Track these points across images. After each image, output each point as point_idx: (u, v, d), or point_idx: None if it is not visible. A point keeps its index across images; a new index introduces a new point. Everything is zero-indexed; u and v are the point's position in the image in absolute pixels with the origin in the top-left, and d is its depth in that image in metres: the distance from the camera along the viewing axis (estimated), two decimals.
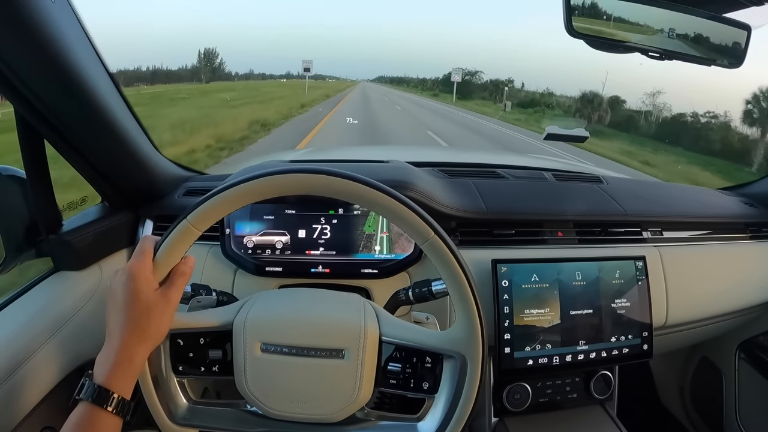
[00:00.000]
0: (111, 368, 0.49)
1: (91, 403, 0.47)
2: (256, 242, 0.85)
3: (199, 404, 0.60)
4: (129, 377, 0.51)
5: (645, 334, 0.88)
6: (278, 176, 0.53)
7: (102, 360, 0.50)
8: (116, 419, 0.49)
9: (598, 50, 0.83)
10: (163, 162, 0.95)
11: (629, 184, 1.06)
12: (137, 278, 0.51)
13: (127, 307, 0.51)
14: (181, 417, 0.59)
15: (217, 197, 0.53)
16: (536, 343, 0.81)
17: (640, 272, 0.88)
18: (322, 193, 0.53)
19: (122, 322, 0.51)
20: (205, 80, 39.12)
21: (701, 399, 1.23)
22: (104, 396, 0.48)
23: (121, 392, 0.49)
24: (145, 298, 0.51)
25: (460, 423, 0.56)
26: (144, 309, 0.51)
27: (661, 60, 0.81)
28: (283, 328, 0.57)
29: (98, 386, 0.48)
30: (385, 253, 0.84)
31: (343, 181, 0.52)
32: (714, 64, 0.85)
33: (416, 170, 0.91)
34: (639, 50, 0.81)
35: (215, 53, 44.08)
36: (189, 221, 0.53)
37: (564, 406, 0.90)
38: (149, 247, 0.54)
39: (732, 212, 1.06)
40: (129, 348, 0.50)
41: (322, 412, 0.57)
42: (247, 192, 0.53)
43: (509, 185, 0.98)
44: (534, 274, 0.82)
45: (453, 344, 0.56)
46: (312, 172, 0.53)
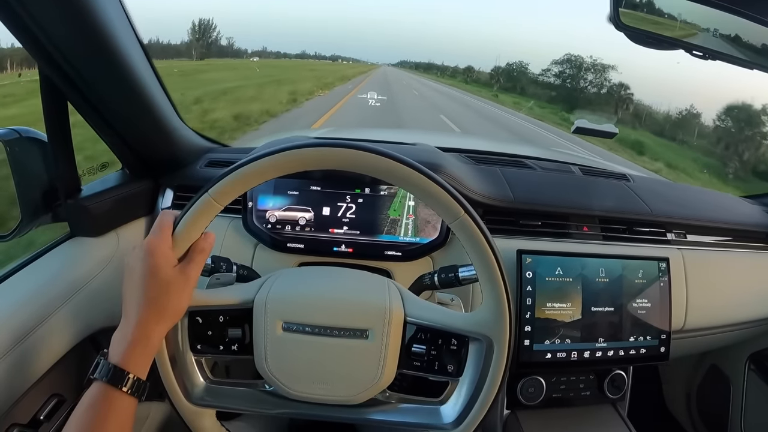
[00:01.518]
0: (127, 347, 0.48)
1: (105, 383, 0.46)
2: (278, 217, 0.84)
3: (216, 384, 0.59)
4: (145, 357, 0.49)
5: (663, 337, 0.87)
6: (307, 149, 0.51)
7: (118, 338, 0.49)
8: (131, 400, 0.47)
9: (639, 45, 0.81)
10: (187, 132, 0.94)
11: (655, 185, 1.05)
12: (155, 254, 0.50)
13: (144, 284, 0.49)
14: (198, 397, 0.58)
15: (241, 170, 0.51)
16: (556, 338, 0.81)
17: (663, 273, 0.87)
18: (351, 168, 0.52)
19: (139, 299, 0.49)
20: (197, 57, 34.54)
21: (707, 406, 1.23)
22: (119, 376, 0.46)
23: (137, 372, 0.48)
24: (163, 275, 0.50)
25: (484, 407, 0.56)
26: (162, 286, 0.50)
27: (704, 59, 0.79)
28: (305, 306, 0.56)
29: (113, 366, 0.47)
30: (410, 236, 0.83)
31: (374, 157, 0.51)
32: (756, 68, 0.83)
33: (444, 154, 0.90)
34: (683, 47, 0.79)
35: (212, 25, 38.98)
36: (211, 195, 0.51)
37: (576, 403, 0.90)
38: (168, 222, 0.52)
39: (755, 221, 1.05)
40: (146, 326, 0.49)
41: (343, 393, 0.56)
42: (271, 166, 0.51)
43: (537, 176, 0.97)
44: (558, 267, 0.81)
45: (480, 326, 0.55)
46: (341, 146, 0.51)
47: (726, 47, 0.80)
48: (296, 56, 63.84)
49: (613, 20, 0.74)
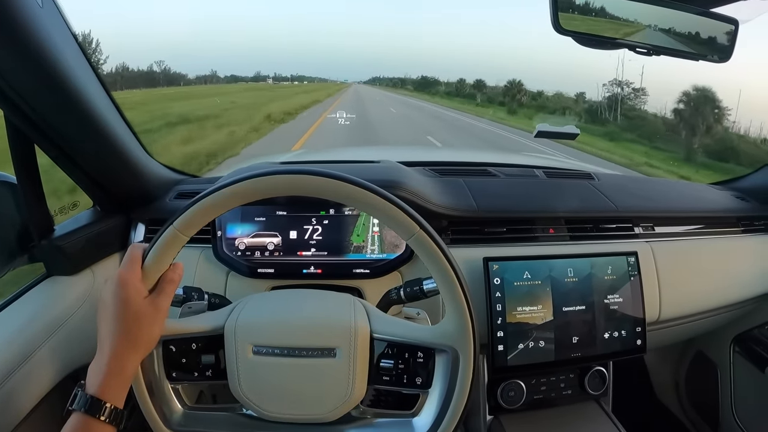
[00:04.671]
0: (103, 378, 0.49)
1: (84, 414, 0.48)
2: (247, 244, 0.85)
3: (194, 409, 0.60)
4: (121, 386, 0.51)
5: (638, 330, 0.88)
6: (263, 178, 0.53)
7: (94, 370, 0.50)
8: (110, 429, 0.49)
9: (586, 47, 0.83)
10: (154, 165, 0.95)
11: (620, 180, 1.06)
12: (126, 286, 0.51)
13: (117, 316, 0.51)
14: (177, 423, 0.59)
15: (203, 202, 0.53)
16: (529, 341, 0.81)
17: (632, 268, 0.88)
18: (307, 193, 0.53)
19: (113, 331, 0.51)
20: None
21: (696, 393, 1.23)
22: (97, 406, 0.48)
23: (113, 401, 0.49)
24: (134, 306, 0.51)
25: (455, 417, 0.56)
26: (134, 317, 0.51)
27: (648, 55, 0.81)
28: (273, 329, 0.57)
29: (90, 396, 0.48)
30: (377, 253, 0.84)
31: (328, 181, 0.52)
32: (702, 58, 0.85)
33: (407, 170, 0.91)
34: (627, 46, 0.81)
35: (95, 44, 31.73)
36: (176, 227, 0.53)
37: (559, 402, 0.91)
38: (137, 255, 0.54)
39: (724, 206, 1.06)
40: (120, 357, 0.50)
41: (317, 411, 0.57)
42: (232, 195, 0.53)
43: (500, 183, 0.98)
44: (526, 271, 0.82)
45: (444, 338, 0.56)
46: (296, 173, 0.53)
47: (668, 41, 0.82)
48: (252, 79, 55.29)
49: (554, 25, 0.76)
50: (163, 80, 36.81)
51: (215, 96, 21.52)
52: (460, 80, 51.29)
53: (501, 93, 36.46)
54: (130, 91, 24.29)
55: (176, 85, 36.69)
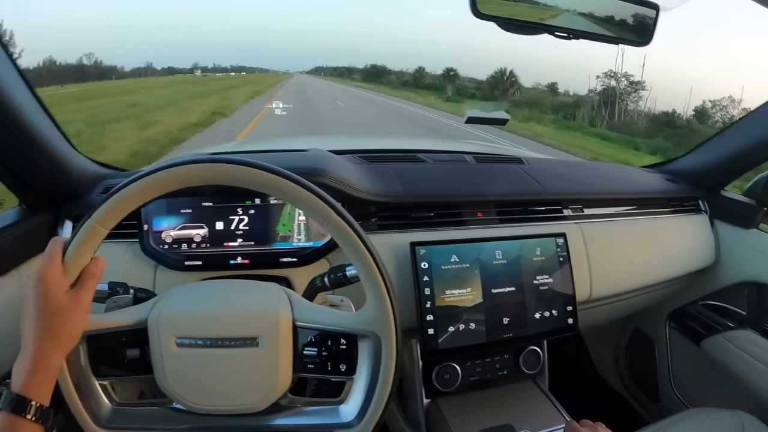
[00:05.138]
0: (27, 376, 0.48)
1: (9, 413, 0.47)
2: (174, 237, 0.83)
3: (123, 405, 0.59)
4: (46, 383, 0.50)
5: (569, 309, 0.90)
6: (178, 168, 0.52)
7: (18, 368, 0.49)
8: (36, 427, 0.48)
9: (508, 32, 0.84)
10: (80, 160, 0.92)
11: (550, 164, 1.08)
12: (47, 281, 0.50)
13: (38, 312, 0.50)
14: (106, 419, 0.58)
15: (120, 193, 0.52)
16: (460, 323, 0.82)
17: (561, 249, 0.90)
18: (224, 182, 0.53)
19: (35, 327, 0.50)
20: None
21: (636, 368, 1.28)
22: (22, 404, 0.47)
23: (39, 399, 0.48)
24: (55, 302, 0.50)
25: (381, 402, 0.57)
26: (55, 312, 0.50)
27: (568, 39, 0.82)
28: (196, 320, 0.56)
29: (15, 395, 0.47)
30: (304, 241, 0.83)
31: (244, 169, 0.52)
32: (622, 42, 0.87)
33: (333, 157, 0.91)
34: (547, 31, 0.82)
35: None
36: (95, 220, 0.52)
37: (495, 383, 0.92)
38: (58, 249, 0.53)
39: (654, 188, 1.10)
40: (43, 354, 0.50)
41: (243, 402, 0.57)
42: (148, 186, 0.52)
43: (429, 169, 0.98)
44: (453, 255, 0.82)
45: (365, 324, 0.57)
46: (211, 162, 0.52)
47: (588, 25, 0.83)
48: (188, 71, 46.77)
49: (473, 11, 0.76)
50: (94, 74, 32.41)
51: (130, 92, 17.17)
52: (419, 69, 43.83)
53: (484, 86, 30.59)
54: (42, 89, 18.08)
55: (108, 78, 32.22)
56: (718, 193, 1.16)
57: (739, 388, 1.08)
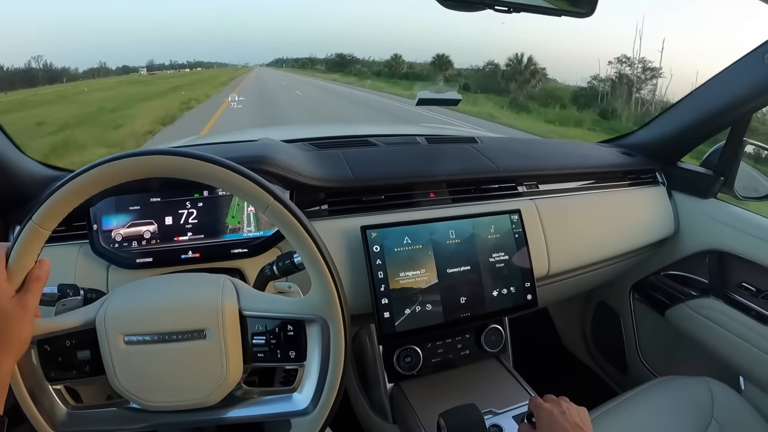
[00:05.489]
0: None
1: None
2: (124, 235, 0.81)
3: (79, 409, 0.58)
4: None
5: (527, 285, 0.90)
6: (111, 164, 0.51)
7: None
8: None
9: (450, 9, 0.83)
10: (28, 163, 0.90)
11: (504, 142, 1.08)
12: None
13: None
14: (62, 423, 0.57)
15: (58, 192, 0.51)
16: (416, 305, 0.82)
17: (516, 225, 0.90)
18: (160, 174, 0.52)
19: None
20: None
21: (603, 340, 1.30)
22: None
23: None
24: (1, 308, 0.49)
25: (334, 387, 0.56)
26: (1, 319, 0.49)
27: (509, 13, 0.82)
28: (142, 316, 0.55)
29: None
30: (254, 231, 0.82)
31: (176, 159, 0.51)
32: (564, 14, 0.86)
33: (281, 145, 0.89)
34: (487, 6, 0.81)
35: None
36: (35, 222, 0.51)
37: (458, 363, 0.93)
38: (0, 255, 0.51)
39: (610, 162, 1.11)
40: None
41: (196, 396, 0.56)
42: (83, 184, 0.51)
43: (379, 152, 0.98)
44: (405, 236, 0.82)
45: (311, 308, 0.56)
46: (145, 154, 0.51)
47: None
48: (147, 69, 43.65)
49: None
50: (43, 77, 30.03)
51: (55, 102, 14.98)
52: (395, 56, 38.44)
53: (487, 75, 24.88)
54: None
55: (59, 81, 29.45)
56: (675, 165, 1.18)
57: (705, 356, 1.10)
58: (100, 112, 12.35)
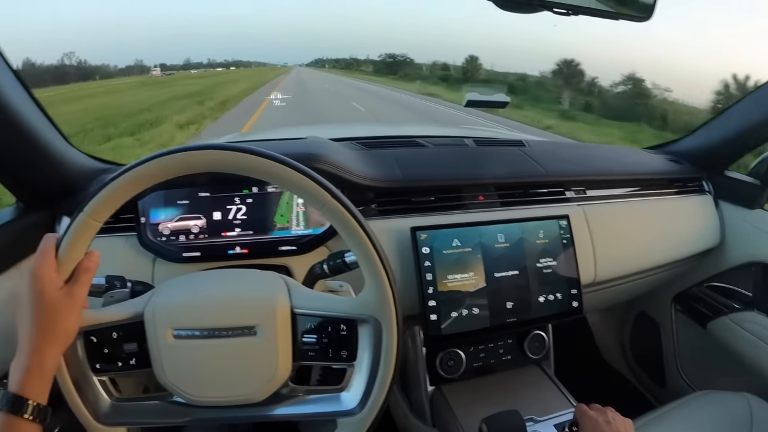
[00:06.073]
0: (23, 375, 0.48)
1: (6, 413, 0.46)
2: (171, 228, 0.82)
3: (123, 401, 0.58)
4: (43, 382, 0.49)
5: (574, 292, 0.89)
6: (166, 157, 0.51)
7: (14, 367, 0.49)
8: (34, 426, 0.48)
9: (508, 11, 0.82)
10: (77, 156, 0.91)
11: (551, 146, 1.07)
12: (40, 279, 0.50)
13: (32, 310, 0.49)
14: (106, 415, 0.57)
15: (111, 185, 0.51)
16: (463, 308, 0.81)
17: (564, 231, 0.88)
18: (218, 169, 0.52)
19: (30, 325, 0.49)
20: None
21: (642, 351, 1.27)
22: (19, 404, 0.47)
23: (36, 398, 0.48)
24: (49, 299, 0.50)
25: (383, 388, 0.56)
26: (50, 310, 0.50)
27: (567, 16, 0.80)
28: (191, 311, 0.55)
29: (12, 394, 0.47)
30: (302, 229, 0.82)
31: (234, 154, 0.51)
32: (622, 17, 0.85)
33: (331, 144, 0.89)
34: (546, 8, 0.80)
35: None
36: (87, 214, 0.51)
37: (499, 368, 0.91)
38: (50, 246, 0.52)
39: (657, 169, 1.08)
40: (39, 352, 0.49)
41: (243, 392, 0.56)
42: (139, 176, 0.51)
43: (428, 153, 0.97)
44: (455, 239, 0.81)
45: (364, 308, 0.55)
46: (202, 149, 0.51)
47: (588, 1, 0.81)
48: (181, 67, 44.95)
49: None
50: (75, 74, 30.16)
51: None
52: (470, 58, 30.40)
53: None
54: None
55: (92, 79, 29.68)
56: (722, 174, 1.15)
57: (746, 370, 1.07)
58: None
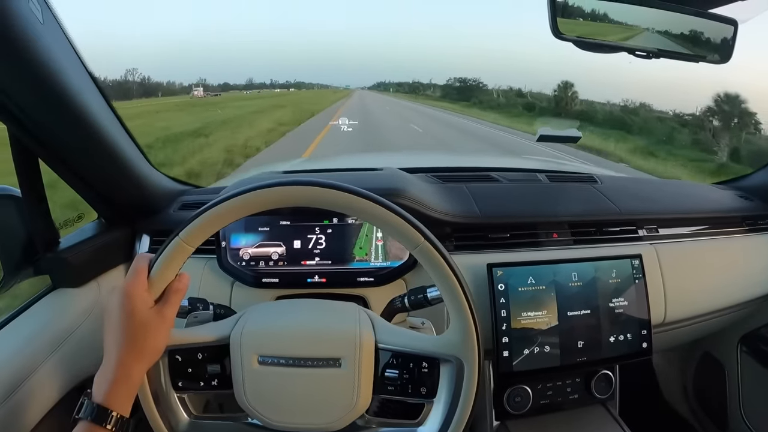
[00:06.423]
0: (109, 387, 0.50)
1: (90, 422, 0.48)
2: (252, 254, 0.86)
3: (200, 419, 0.61)
4: (127, 395, 0.51)
5: (644, 333, 0.87)
6: (268, 189, 0.53)
7: (100, 379, 0.51)
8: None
9: (586, 51, 0.83)
10: (158, 176, 0.96)
11: (623, 182, 1.06)
12: (132, 297, 0.52)
13: (123, 326, 0.51)
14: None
15: (208, 213, 0.53)
16: (535, 346, 0.81)
17: (636, 271, 0.88)
18: (312, 204, 0.54)
19: (119, 340, 0.51)
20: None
21: (704, 394, 1.23)
22: (103, 415, 0.48)
23: (119, 410, 0.49)
24: (140, 317, 0.52)
25: (459, 426, 0.56)
26: (140, 327, 0.52)
27: (648, 59, 0.81)
28: (279, 339, 0.57)
29: (97, 405, 0.49)
30: (381, 261, 0.84)
31: (332, 192, 0.53)
32: (702, 60, 0.85)
33: (409, 177, 0.91)
34: (626, 50, 0.81)
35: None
36: (181, 238, 0.53)
37: (565, 407, 0.90)
38: (143, 266, 0.54)
39: (728, 206, 1.06)
40: (126, 366, 0.51)
41: (321, 421, 0.57)
42: (237, 206, 0.54)
43: (503, 188, 0.98)
44: (530, 276, 0.82)
45: (448, 348, 0.57)
46: (302, 184, 0.53)
47: (668, 44, 0.82)
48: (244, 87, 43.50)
49: (553, 31, 0.76)
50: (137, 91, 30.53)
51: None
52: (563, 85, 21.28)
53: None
54: None
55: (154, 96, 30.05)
56: None
57: None
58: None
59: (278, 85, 53.06)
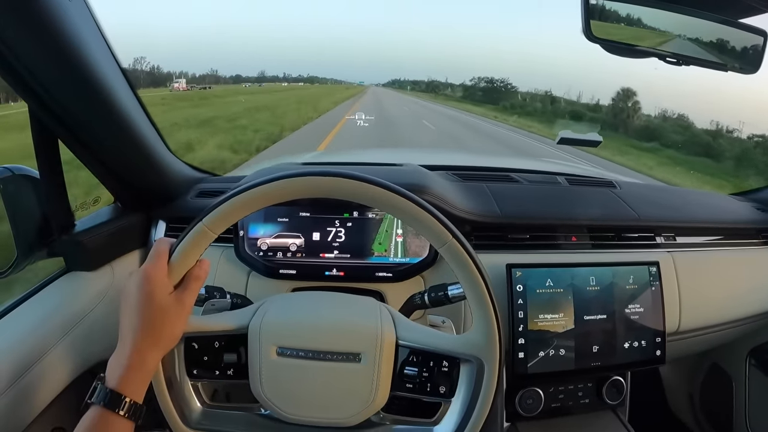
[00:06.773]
0: (123, 372, 0.49)
1: (103, 407, 0.47)
2: (269, 245, 0.85)
3: (213, 407, 0.60)
4: (141, 381, 0.50)
5: (658, 340, 0.87)
6: (295, 179, 0.52)
7: (114, 363, 0.50)
8: (128, 423, 0.48)
9: (615, 55, 0.83)
10: (176, 163, 0.96)
11: (642, 189, 1.06)
12: (152, 281, 0.51)
13: (140, 310, 0.50)
14: (195, 420, 0.59)
15: (234, 200, 0.53)
16: (550, 348, 0.81)
17: (653, 278, 0.87)
18: (339, 196, 0.53)
19: (135, 325, 0.50)
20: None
21: (711, 405, 1.23)
22: (116, 400, 0.48)
23: (133, 396, 0.49)
24: (159, 302, 0.51)
25: (476, 428, 0.56)
26: (158, 312, 0.51)
27: (678, 65, 0.81)
28: (299, 331, 0.57)
29: (110, 390, 0.48)
30: (400, 257, 0.83)
31: (360, 184, 0.52)
32: (730, 69, 0.84)
33: (430, 173, 0.91)
34: (656, 55, 0.80)
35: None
36: (205, 224, 0.53)
37: (576, 411, 0.90)
38: (164, 250, 0.53)
39: (744, 218, 1.06)
40: (142, 352, 0.50)
41: (337, 416, 0.57)
42: (264, 195, 0.53)
43: (524, 189, 0.98)
44: (548, 278, 0.81)
45: (470, 348, 0.56)
46: (332, 175, 0.53)
47: (698, 51, 0.81)
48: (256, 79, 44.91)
49: (585, 33, 0.75)
50: (146, 80, 30.63)
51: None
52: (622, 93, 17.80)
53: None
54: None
55: (163, 86, 29.59)
56: None
57: None
58: None
59: (291, 78, 52.61)
